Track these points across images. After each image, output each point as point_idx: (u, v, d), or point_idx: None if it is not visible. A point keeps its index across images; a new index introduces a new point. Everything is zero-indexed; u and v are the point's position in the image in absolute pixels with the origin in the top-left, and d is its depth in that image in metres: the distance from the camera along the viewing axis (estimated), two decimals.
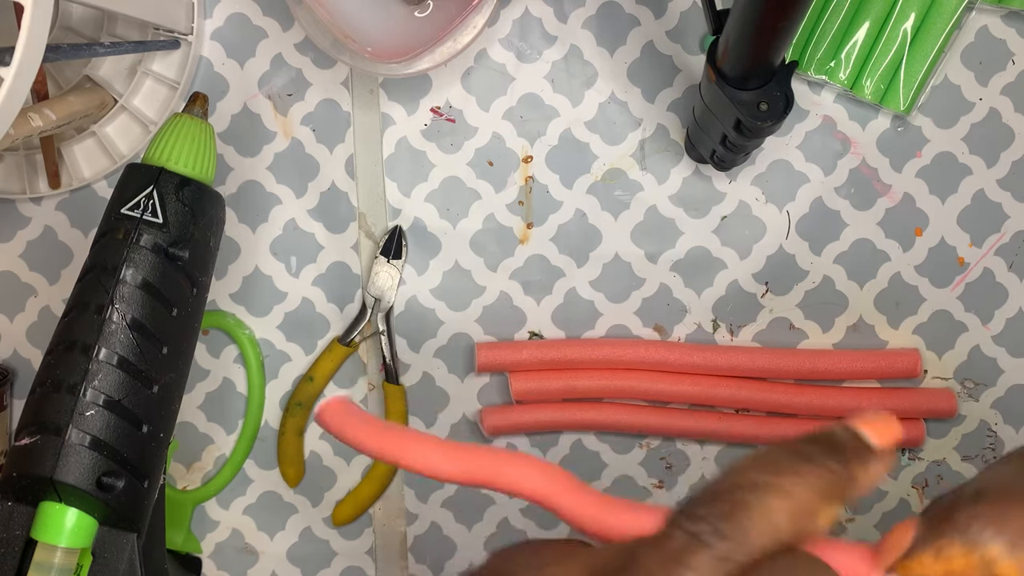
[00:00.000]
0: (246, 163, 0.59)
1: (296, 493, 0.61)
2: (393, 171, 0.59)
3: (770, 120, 0.45)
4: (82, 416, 0.41)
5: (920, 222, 0.59)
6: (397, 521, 0.61)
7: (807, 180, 0.58)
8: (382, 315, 0.59)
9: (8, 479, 0.42)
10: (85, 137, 0.58)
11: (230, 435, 0.61)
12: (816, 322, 0.59)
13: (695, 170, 0.59)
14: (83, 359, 0.42)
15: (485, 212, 0.59)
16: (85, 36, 0.58)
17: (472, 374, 0.60)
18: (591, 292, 0.59)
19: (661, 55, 0.58)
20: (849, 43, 0.56)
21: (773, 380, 0.58)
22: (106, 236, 0.44)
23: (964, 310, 0.59)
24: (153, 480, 0.44)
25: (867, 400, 0.57)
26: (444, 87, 0.59)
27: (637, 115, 0.58)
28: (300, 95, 0.59)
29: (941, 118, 0.58)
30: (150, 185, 0.44)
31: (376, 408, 0.60)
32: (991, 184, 0.58)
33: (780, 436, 0.58)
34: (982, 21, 0.57)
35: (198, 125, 0.47)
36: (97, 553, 0.42)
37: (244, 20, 0.58)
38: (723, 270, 0.59)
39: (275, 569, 0.61)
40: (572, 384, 0.58)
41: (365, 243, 0.60)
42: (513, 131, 0.59)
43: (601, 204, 0.59)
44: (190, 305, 0.45)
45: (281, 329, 0.60)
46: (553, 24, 0.58)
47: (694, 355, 0.58)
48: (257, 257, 0.60)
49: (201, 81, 0.59)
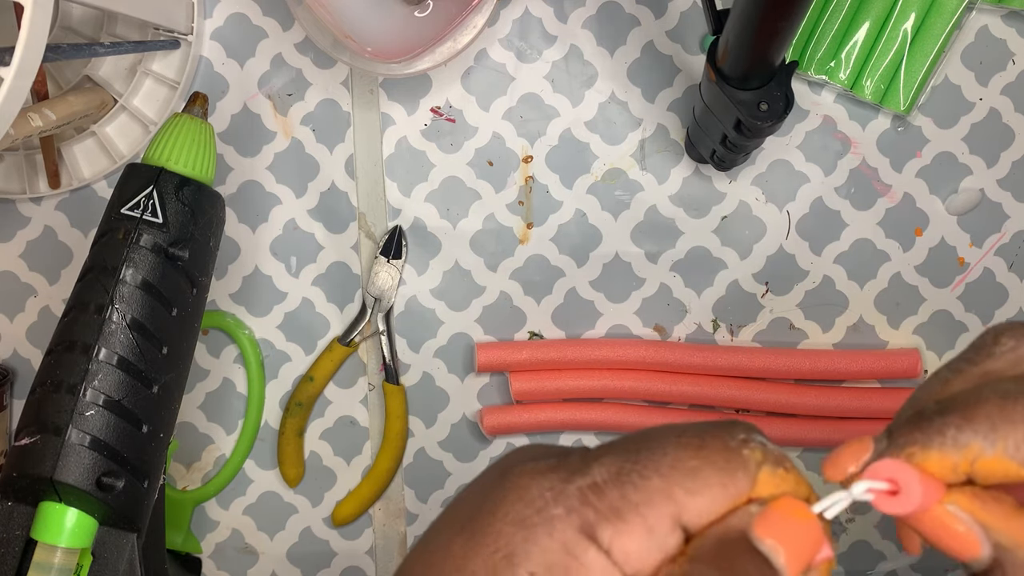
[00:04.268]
0: (246, 163, 0.59)
1: (296, 493, 0.61)
2: (393, 171, 0.59)
3: (770, 120, 0.45)
4: (82, 416, 0.41)
5: (920, 222, 0.59)
6: (397, 521, 0.61)
7: (807, 180, 0.58)
8: (382, 315, 0.59)
9: (8, 479, 0.42)
10: (85, 137, 0.58)
11: (230, 435, 0.61)
12: (816, 322, 0.59)
13: (695, 170, 0.59)
14: (83, 359, 0.42)
15: (485, 212, 0.59)
16: (85, 36, 0.58)
17: (472, 374, 0.60)
18: (591, 292, 0.59)
19: (661, 55, 0.58)
20: (849, 43, 0.56)
21: (773, 380, 0.58)
22: (106, 236, 0.44)
23: (964, 310, 0.59)
24: (153, 480, 0.44)
25: (867, 400, 0.57)
26: (444, 87, 0.59)
27: (637, 115, 0.58)
28: (300, 95, 0.59)
29: (941, 118, 0.58)
30: (150, 185, 0.44)
31: (376, 408, 0.60)
32: (991, 184, 0.58)
33: (780, 436, 0.58)
34: (982, 21, 0.57)
35: (198, 125, 0.47)
36: (97, 553, 0.42)
37: (244, 20, 0.58)
38: (723, 270, 0.59)
39: (275, 569, 0.61)
40: (572, 384, 0.58)
41: (365, 243, 0.59)
42: (513, 131, 0.59)
43: (601, 204, 0.59)
44: (190, 305, 0.45)
45: (281, 329, 0.60)
46: (553, 24, 0.58)
47: (694, 355, 0.58)
48: (257, 257, 0.60)
49: (201, 81, 0.59)
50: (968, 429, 0.25)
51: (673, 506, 0.24)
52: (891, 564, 0.61)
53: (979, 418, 0.25)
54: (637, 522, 0.24)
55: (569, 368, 0.58)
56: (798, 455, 0.60)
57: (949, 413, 0.25)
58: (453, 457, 0.61)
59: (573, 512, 0.24)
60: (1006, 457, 0.25)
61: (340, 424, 0.61)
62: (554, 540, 0.24)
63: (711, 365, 0.58)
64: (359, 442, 0.61)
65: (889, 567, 0.61)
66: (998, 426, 0.25)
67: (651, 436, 0.26)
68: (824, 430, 0.58)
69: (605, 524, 0.24)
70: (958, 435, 0.25)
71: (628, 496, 0.25)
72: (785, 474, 0.25)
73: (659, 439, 0.26)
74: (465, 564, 0.25)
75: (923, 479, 0.25)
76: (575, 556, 0.24)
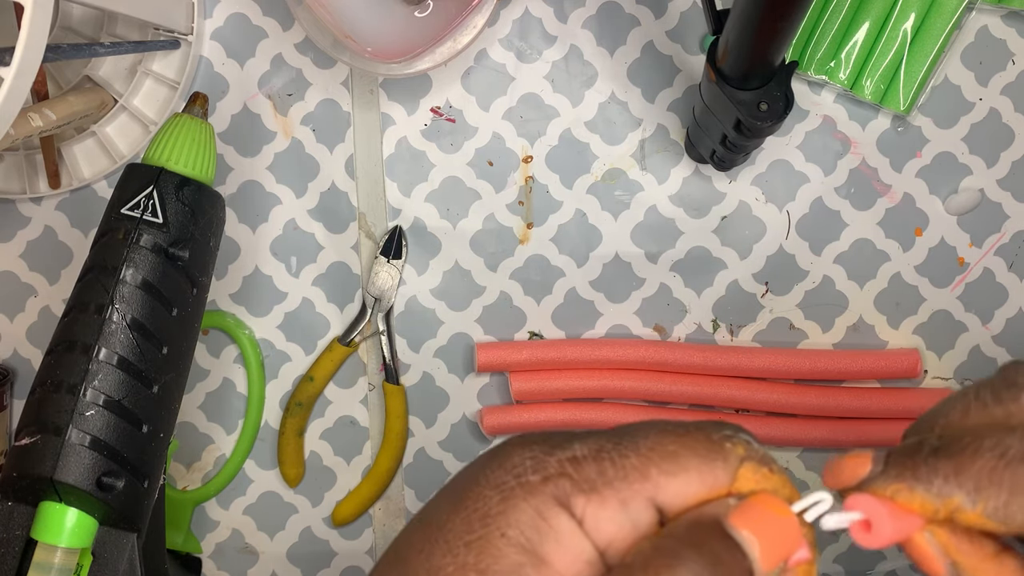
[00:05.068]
0: (246, 163, 0.59)
1: (296, 493, 0.61)
2: (393, 171, 0.59)
3: (770, 120, 0.45)
4: (82, 416, 0.41)
5: (920, 222, 0.59)
6: (397, 521, 0.61)
7: (807, 180, 0.58)
8: (382, 315, 0.59)
9: (8, 479, 0.42)
10: (85, 137, 0.58)
11: (230, 435, 0.61)
12: (816, 322, 0.59)
13: (695, 170, 0.59)
14: (83, 359, 0.42)
15: (485, 212, 0.59)
16: (85, 36, 0.58)
17: (472, 374, 0.60)
18: (591, 292, 0.59)
19: (661, 55, 0.58)
20: (849, 43, 0.56)
21: (773, 380, 0.58)
22: (106, 236, 0.44)
23: (964, 310, 0.59)
24: (153, 480, 0.44)
25: (867, 400, 0.58)
26: (444, 87, 0.59)
27: (637, 115, 0.58)
28: (300, 95, 0.59)
29: (941, 118, 0.58)
30: (150, 185, 0.44)
31: (376, 408, 0.60)
32: (991, 184, 0.58)
33: (780, 436, 0.58)
34: (982, 21, 0.57)
35: (198, 125, 0.47)
36: (97, 553, 0.42)
37: (244, 20, 0.58)
38: (723, 270, 0.59)
39: (275, 569, 0.61)
40: (572, 384, 0.58)
41: (365, 243, 0.60)
42: (513, 131, 0.59)
43: (601, 204, 0.59)
44: (190, 305, 0.45)
45: (281, 329, 0.60)
46: (553, 24, 0.58)
47: (694, 355, 0.58)
48: (257, 257, 0.60)
49: (201, 81, 0.59)
50: (954, 483, 0.25)
51: (648, 485, 0.25)
52: (891, 564, 0.61)
53: (968, 474, 0.25)
54: (610, 495, 0.25)
55: (569, 368, 0.58)
56: (798, 455, 0.60)
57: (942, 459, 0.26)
58: (453, 457, 0.61)
59: (549, 481, 0.25)
60: (984, 516, 0.25)
61: (340, 424, 0.61)
62: (528, 504, 0.25)
63: (711, 365, 0.58)
64: (359, 442, 0.61)
65: (889, 567, 0.61)
66: (983, 488, 0.25)
67: (636, 425, 0.27)
68: (824, 430, 0.58)
69: (579, 494, 0.25)
70: (943, 486, 0.25)
71: (605, 471, 0.25)
72: (769, 473, 0.26)
73: (643, 427, 0.27)
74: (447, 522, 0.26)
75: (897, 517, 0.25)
76: (546, 519, 0.25)
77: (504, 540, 0.25)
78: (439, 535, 0.26)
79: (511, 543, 0.25)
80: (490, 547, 0.25)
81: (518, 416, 0.58)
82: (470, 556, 0.25)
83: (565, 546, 0.25)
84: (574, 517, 0.25)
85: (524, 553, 0.25)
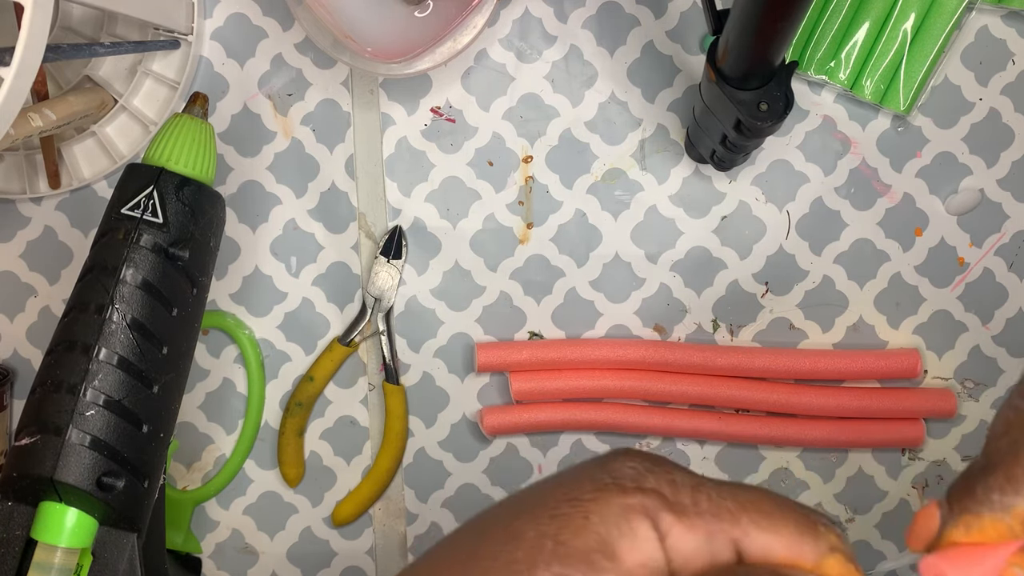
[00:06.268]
0: (246, 163, 0.59)
1: (296, 493, 0.61)
2: (393, 171, 0.59)
3: (770, 120, 0.45)
4: (82, 416, 0.41)
5: (920, 222, 0.59)
6: (397, 521, 0.61)
7: (807, 180, 0.58)
8: (382, 315, 0.59)
9: (8, 479, 0.42)
10: (85, 137, 0.58)
11: (230, 435, 0.61)
12: (816, 322, 0.59)
13: (695, 170, 0.59)
14: (83, 359, 0.42)
15: (485, 212, 0.59)
16: (85, 36, 0.58)
17: (472, 374, 0.60)
18: (591, 292, 0.59)
19: (661, 55, 0.58)
20: (849, 43, 0.56)
21: (773, 380, 0.58)
22: (106, 236, 0.44)
23: (964, 310, 0.59)
24: (153, 480, 0.44)
25: (867, 400, 0.57)
26: (444, 87, 0.59)
27: (637, 115, 0.58)
28: (300, 95, 0.59)
29: (941, 118, 0.58)
30: (150, 185, 0.44)
31: (376, 408, 0.60)
32: (991, 184, 0.58)
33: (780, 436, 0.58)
34: (982, 21, 0.57)
35: (198, 125, 0.47)
36: (97, 553, 0.42)
37: (244, 20, 0.58)
38: (723, 270, 0.59)
39: (275, 569, 0.61)
40: (572, 384, 0.58)
41: (365, 243, 0.60)
42: (513, 131, 0.59)
43: (601, 204, 0.59)
44: (190, 305, 0.45)
45: (281, 329, 0.60)
46: (553, 24, 0.58)
47: (694, 355, 0.58)
48: (257, 257, 0.60)
49: (201, 81, 0.59)
50: (1011, 491, 0.25)
51: (738, 530, 0.26)
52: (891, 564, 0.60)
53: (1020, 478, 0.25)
54: (700, 525, 0.26)
55: (569, 368, 0.58)
56: (798, 455, 0.60)
57: (991, 473, 0.26)
58: (453, 457, 0.61)
59: (642, 492, 0.26)
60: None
61: (340, 424, 0.61)
62: (617, 502, 0.26)
63: (711, 365, 0.58)
64: (359, 442, 0.61)
65: (889, 567, 0.61)
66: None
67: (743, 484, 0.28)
68: (824, 430, 0.58)
69: (669, 512, 0.26)
70: (1002, 498, 0.25)
71: (699, 502, 0.26)
72: (856, 572, 0.26)
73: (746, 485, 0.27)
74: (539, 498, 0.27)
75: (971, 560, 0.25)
76: (629, 521, 0.26)
77: (586, 523, 0.26)
78: (526, 510, 0.27)
79: (591, 529, 0.26)
80: (572, 524, 0.26)
81: (518, 416, 0.58)
82: (552, 527, 0.26)
83: (639, 549, 0.25)
84: (656, 529, 0.26)
85: (600, 541, 0.25)
